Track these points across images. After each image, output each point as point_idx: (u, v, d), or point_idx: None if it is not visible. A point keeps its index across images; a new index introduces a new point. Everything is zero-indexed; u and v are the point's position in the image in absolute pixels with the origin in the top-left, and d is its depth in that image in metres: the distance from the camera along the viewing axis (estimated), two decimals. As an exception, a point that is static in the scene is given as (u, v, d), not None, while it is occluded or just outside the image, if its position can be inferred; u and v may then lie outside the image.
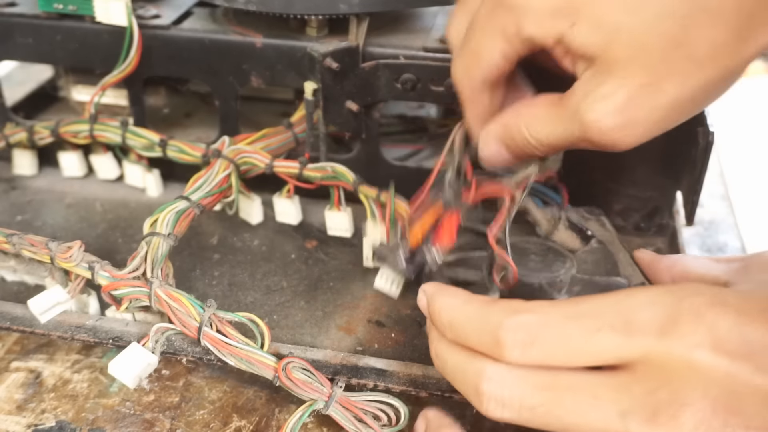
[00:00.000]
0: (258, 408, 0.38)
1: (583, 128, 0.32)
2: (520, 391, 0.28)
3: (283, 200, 0.50)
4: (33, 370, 0.39)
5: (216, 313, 0.37)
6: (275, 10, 0.47)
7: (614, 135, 0.32)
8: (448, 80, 0.45)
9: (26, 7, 0.52)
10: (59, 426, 0.36)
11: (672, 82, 0.31)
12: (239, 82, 0.50)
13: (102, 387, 0.38)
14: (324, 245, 0.50)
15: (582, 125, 0.32)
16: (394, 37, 0.48)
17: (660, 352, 0.26)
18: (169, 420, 0.37)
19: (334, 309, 0.44)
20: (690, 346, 0.26)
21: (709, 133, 0.43)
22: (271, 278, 0.47)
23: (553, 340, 0.28)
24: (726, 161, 0.59)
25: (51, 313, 0.40)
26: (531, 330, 0.28)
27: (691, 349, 0.26)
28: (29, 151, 0.56)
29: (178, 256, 0.47)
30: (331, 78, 0.46)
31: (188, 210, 0.43)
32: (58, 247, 0.40)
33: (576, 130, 0.33)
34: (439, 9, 0.52)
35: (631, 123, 0.32)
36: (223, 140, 0.48)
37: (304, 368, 0.35)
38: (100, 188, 0.55)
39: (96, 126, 0.51)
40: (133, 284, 0.39)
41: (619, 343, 0.27)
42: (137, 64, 0.49)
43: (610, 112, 0.32)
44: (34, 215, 0.52)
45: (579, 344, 0.27)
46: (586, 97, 0.32)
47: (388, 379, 0.37)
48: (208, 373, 0.39)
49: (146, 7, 0.51)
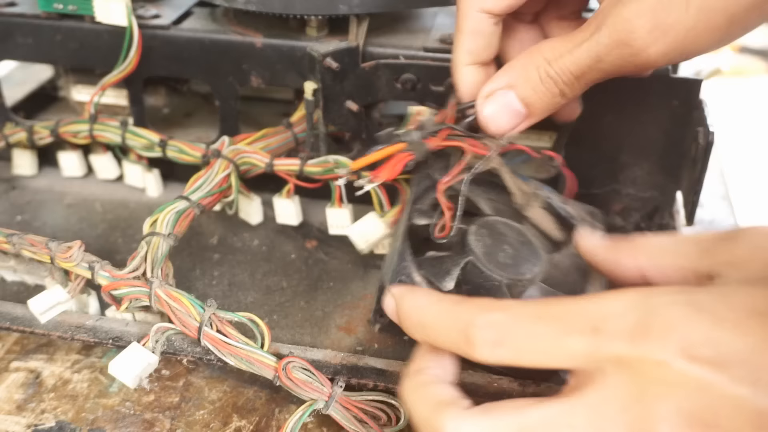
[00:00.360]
0: (258, 408, 0.37)
1: (614, 30, 0.32)
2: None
3: (283, 200, 0.50)
4: (33, 370, 0.39)
5: (216, 312, 0.37)
6: (275, 10, 0.47)
7: (646, 37, 0.31)
8: (449, 80, 0.45)
9: (26, 6, 0.52)
10: (59, 426, 0.36)
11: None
12: (239, 82, 0.50)
13: (102, 387, 0.38)
14: (324, 245, 0.50)
15: (613, 27, 0.32)
16: (394, 37, 0.48)
17: (631, 360, 0.25)
18: (169, 420, 0.37)
19: (334, 309, 0.44)
20: (663, 354, 0.24)
21: (709, 133, 0.43)
22: (271, 278, 0.47)
23: (522, 341, 0.27)
24: (726, 161, 0.59)
25: (51, 313, 0.40)
26: (500, 329, 0.27)
27: (664, 357, 0.24)
28: (29, 151, 0.56)
29: (178, 256, 0.47)
30: (331, 78, 0.46)
31: (188, 210, 0.43)
32: (58, 247, 0.40)
33: (605, 37, 0.32)
34: (439, 9, 0.52)
35: (661, 26, 0.31)
36: (222, 140, 0.48)
37: (305, 368, 0.35)
38: (99, 188, 0.55)
39: (96, 126, 0.51)
40: (133, 284, 0.39)
41: (588, 347, 0.26)
42: (137, 64, 0.49)
43: (641, 10, 0.31)
44: (34, 215, 0.52)
45: (548, 346, 0.27)
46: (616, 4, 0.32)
47: (388, 379, 0.37)
48: (208, 373, 0.39)
49: (146, 7, 0.51)
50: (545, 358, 0.27)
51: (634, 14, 0.31)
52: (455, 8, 0.39)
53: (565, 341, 0.26)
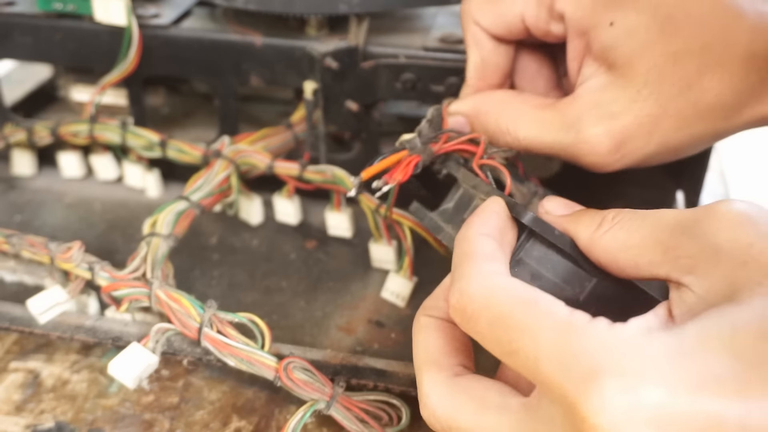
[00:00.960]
0: (258, 408, 0.37)
1: (577, 141, 0.32)
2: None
3: (283, 200, 0.50)
4: (32, 371, 0.39)
5: (216, 313, 0.37)
6: (275, 9, 0.47)
7: (607, 157, 0.32)
8: (449, 80, 0.45)
9: (25, 6, 0.52)
10: (58, 426, 0.36)
11: (671, 123, 0.32)
12: (239, 81, 0.50)
13: (101, 387, 0.38)
14: (324, 245, 0.50)
15: (578, 137, 0.32)
16: (394, 37, 0.48)
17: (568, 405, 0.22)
18: (168, 420, 0.37)
19: (334, 309, 0.44)
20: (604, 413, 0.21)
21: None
22: (271, 278, 0.47)
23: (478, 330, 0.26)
24: (726, 161, 0.59)
25: (50, 313, 0.40)
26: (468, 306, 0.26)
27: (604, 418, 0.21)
28: (29, 151, 0.56)
29: (178, 257, 0.47)
30: (331, 78, 0.46)
31: (188, 210, 0.43)
32: (58, 248, 0.40)
33: (568, 141, 0.33)
34: (439, 9, 0.52)
35: (626, 149, 0.32)
36: (222, 140, 0.48)
37: (305, 368, 0.35)
38: (99, 188, 0.55)
39: (96, 126, 0.51)
40: (132, 285, 0.39)
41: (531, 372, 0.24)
42: (137, 64, 0.49)
43: (613, 132, 0.31)
44: (34, 215, 0.52)
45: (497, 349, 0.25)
46: (593, 109, 0.32)
47: (388, 379, 0.37)
48: (208, 374, 0.39)
49: (146, 7, 0.51)
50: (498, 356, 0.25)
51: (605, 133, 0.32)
52: (455, 8, 0.39)
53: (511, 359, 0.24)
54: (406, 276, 0.44)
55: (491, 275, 0.26)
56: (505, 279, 0.26)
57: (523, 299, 0.25)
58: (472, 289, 0.26)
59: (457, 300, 0.26)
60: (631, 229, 0.27)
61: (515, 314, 0.24)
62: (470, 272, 0.26)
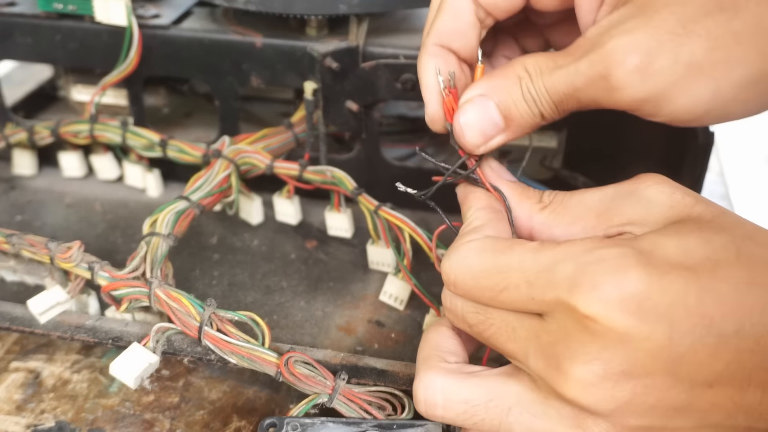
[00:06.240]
0: (258, 408, 0.37)
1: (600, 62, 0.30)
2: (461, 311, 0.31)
3: (283, 200, 0.50)
4: (32, 371, 0.39)
5: (216, 312, 0.37)
6: (275, 10, 0.47)
7: (630, 76, 0.30)
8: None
9: (26, 6, 0.52)
10: (59, 426, 0.36)
11: (698, 42, 0.29)
12: (239, 81, 0.50)
13: (101, 387, 0.38)
14: (324, 245, 0.50)
15: (600, 58, 0.30)
16: (394, 37, 0.48)
17: (566, 309, 0.27)
18: (168, 420, 0.37)
19: (334, 309, 0.44)
20: (594, 304, 0.26)
21: (709, 133, 0.43)
22: (271, 278, 0.47)
23: (468, 289, 0.30)
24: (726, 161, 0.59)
25: (51, 313, 0.40)
26: (451, 273, 0.31)
27: (595, 307, 0.26)
28: (29, 151, 0.56)
29: (178, 256, 0.47)
30: (331, 78, 0.46)
31: (188, 210, 0.43)
32: (58, 248, 0.40)
33: (585, 67, 0.30)
34: (439, 9, 0.52)
35: (650, 68, 0.30)
36: (223, 140, 0.48)
37: (306, 362, 0.35)
38: (99, 188, 0.55)
39: (96, 126, 0.51)
40: (132, 284, 0.39)
41: (525, 298, 0.28)
42: (137, 64, 0.49)
43: (632, 47, 0.29)
44: (34, 215, 0.52)
45: (490, 297, 0.29)
46: (610, 29, 0.30)
47: (388, 379, 0.37)
48: (208, 374, 0.39)
49: (146, 7, 0.51)
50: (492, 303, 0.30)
51: (624, 47, 0.30)
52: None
53: (504, 295, 0.29)
54: (404, 279, 0.44)
55: (464, 245, 0.31)
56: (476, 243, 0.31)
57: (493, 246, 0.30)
58: (450, 261, 0.31)
59: (446, 276, 0.31)
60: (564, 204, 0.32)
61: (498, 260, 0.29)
62: (449, 252, 0.31)
